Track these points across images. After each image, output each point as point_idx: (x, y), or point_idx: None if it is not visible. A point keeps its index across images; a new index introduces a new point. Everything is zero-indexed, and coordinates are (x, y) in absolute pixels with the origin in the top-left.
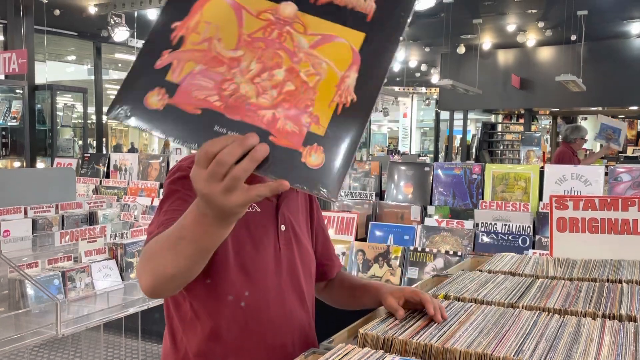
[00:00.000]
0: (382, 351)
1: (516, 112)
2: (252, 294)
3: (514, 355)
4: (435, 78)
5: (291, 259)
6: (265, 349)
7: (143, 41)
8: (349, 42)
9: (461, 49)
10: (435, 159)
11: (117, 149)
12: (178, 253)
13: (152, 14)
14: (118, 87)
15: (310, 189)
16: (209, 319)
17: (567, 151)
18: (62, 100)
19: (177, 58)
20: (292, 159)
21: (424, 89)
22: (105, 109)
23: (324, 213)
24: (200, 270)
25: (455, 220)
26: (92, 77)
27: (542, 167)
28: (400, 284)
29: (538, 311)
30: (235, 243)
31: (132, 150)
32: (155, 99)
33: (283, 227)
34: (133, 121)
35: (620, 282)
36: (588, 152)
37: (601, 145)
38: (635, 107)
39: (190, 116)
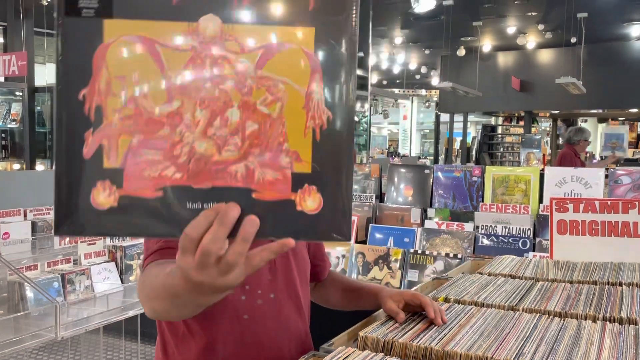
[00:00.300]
0: (382, 354)
1: (516, 115)
2: (248, 306)
3: (514, 358)
4: (435, 80)
5: (287, 266)
6: (264, 359)
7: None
8: (300, 45)
9: (461, 52)
10: (435, 161)
11: None
12: (176, 306)
13: None
14: None
15: (321, 239)
16: (203, 334)
17: (569, 153)
18: None
19: (106, 137)
20: (287, 211)
21: (424, 91)
22: None
23: None
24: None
25: (456, 223)
26: None
27: (542, 170)
28: (400, 287)
29: (538, 314)
30: None
31: None
32: (103, 197)
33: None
34: (91, 231)
35: (620, 284)
36: (588, 155)
37: (603, 157)
38: (635, 110)
39: (152, 202)
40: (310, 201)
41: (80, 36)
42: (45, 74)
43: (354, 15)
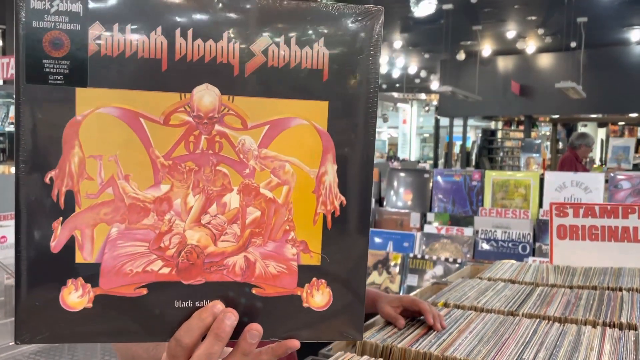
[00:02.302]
0: (381, 359)
1: (516, 119)
2: None
3: None
4: (435, 84)
5: None
6: None
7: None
8: (311, 121)
9: (461, 56)
10: (435, 165)
11: None
12: None
13: None
14: None
15: (330, 338)
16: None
17: (570, 157)
18: None
19: (78, 226)
20: (292, 308)
21: (423, 96)
22: None
23: None
24: None
25: (455, 227)
26: None
27: (542, 174)
28: (399, 291)
29: (538, 319)
30: None
31: None
32: (75, 297)
33: None
34: (59, 338)
35: (620, 290)
36: (589, 160)
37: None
38: (635, 114)
39: (135, 301)
40: (318, 297)
41: (46, 107)
42: None
43: (372, 88)
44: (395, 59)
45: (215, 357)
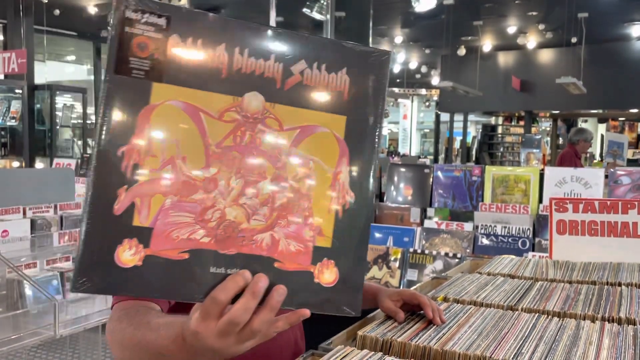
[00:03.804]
0: (381, 353)
1: (516, 114)
2: None
3: (513, 358)
4: (435, 80)
5: None
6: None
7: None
8: (332, 130)
9: (461, 51)
10: (435, 160)
11: None
12: None
13: None
14: None
15: (334, 311)
16: None
17: (569, 152)
18: (61, 100)
19: (139, 195)
20: (304, 282)
21: (424, 91)
22: None
23: None
24: None
25: (455, 223)
26: (92, 78)
27: (542, 170)
28: (399, 286)
29: (537, 314)
30: None
31: None
32: (128, 255)
33: None
34: (110, 290)
35: (619, 285)
36: (588, 156)
37: (607, 163)
38: (635, 110)
39: (177, 263)
40: (327, 274)
41: (127, 95)
42: (45, 72)
43: (382, 106)
44: (396, 55)
45: (249, 312)
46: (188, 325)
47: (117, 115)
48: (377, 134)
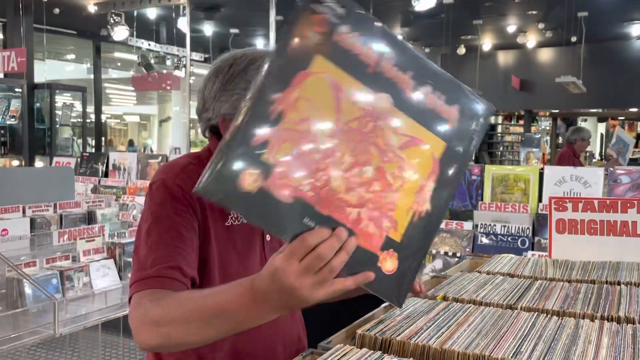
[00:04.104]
0: (380, 352)
1: (516, 114)
2: None
3: (512, 357)
4: None
5: None
6: None
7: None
8: (432, 150)
9: (461, 50)
10: None
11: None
12: (208, 327)
13: (152, 12)
14: (117, 87)
15: (383, 296)
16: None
17: (568, 152)
18: (61, 99)
19: (275, 137)
20: (369, 262)
21: None
22: (104, 108)
23: None
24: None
25: (455, 221)
26: (92, 76)
27: (542, 169)
28: None
29: (536, 313)
30: (220, 261)
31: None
32: (250, 181)
33: (268, 237)
34: (225, 201)
35: (619, 284)
36: (588, 155)
37: (608, 159)
38: (635, 109)
39: (281, 204)
40: (389, 263)
41: (294, 56)
42: (45, 71)
43: (473, 145)
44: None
45: (333, 251)
46: (265, 271)
47: (282, 70)
48: (464, 164)
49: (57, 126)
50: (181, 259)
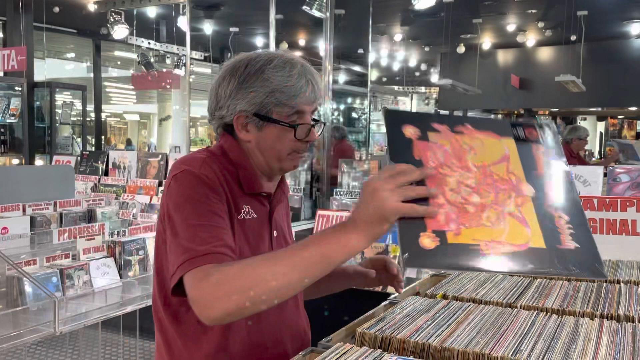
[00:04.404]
0: (380, 350)
1: (515, 113)
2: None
3: (511, 355)
4: (434, 78)
5: None
6: (267, 357)
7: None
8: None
9: (461, 49)
10: None
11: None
12: (304, 272)
13: (152, 11)
14: (117, 85)
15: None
16: (216, 335)
17: (564, 152)
18: (61, 97)
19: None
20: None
21: (423, 89)
22: (104, 107)
23: (323, 212)
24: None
25: None
26: (92, 75)
27: None
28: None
29: (536, 311)
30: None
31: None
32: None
33: (275, 233)
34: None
35: (618, 282)
36: (587, 153)
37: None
38: (634, 108)
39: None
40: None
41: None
42: (45, 69)
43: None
44: (396, 52)
45: (413, 173)
46: (363, 191)
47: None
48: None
49: (57, 125)
50: (227, 237)
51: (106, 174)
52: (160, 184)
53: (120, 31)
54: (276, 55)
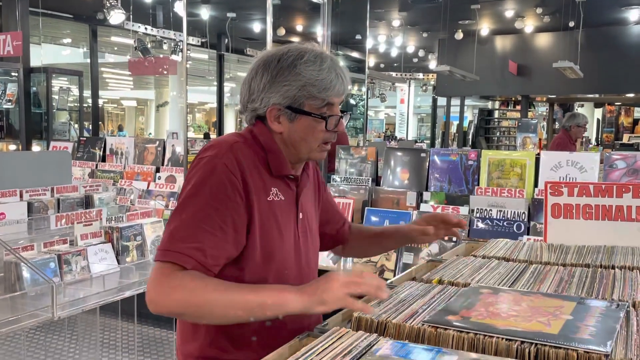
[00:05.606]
0: (376, 335)
1: (513, 99)
2: (276, 280)
3: (505, 340)
4: (432, 64)
5: (306, 246)
6: (287, 332)
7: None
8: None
9: (459, 35)
10: (432, 145)
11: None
12: (243, 312)
13: None
14: (114, 71)
15: None
16: None
17: (563, 137)
18: (57, 83)
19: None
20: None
21: (421, 75)
22: (101, 93)
23: None
24: None
25: (451, 206)
26: (88, 60)
27: (538, 154)
28: (395, 269)
29: None
30: (262, 230)
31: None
32: None
33: (301, 215)
34: None
35: (613, 268)
36: (585, 140)
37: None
38: (631, 94)
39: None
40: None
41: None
42: (41, 54)
43: None
44: (394, 38)
45: (370, 281)
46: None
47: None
48: None
49: (54, 110)
50: (208, 242)
51: (103, 160)
52: (157, 170)
53: (116, 16)
54: (307, 49)
